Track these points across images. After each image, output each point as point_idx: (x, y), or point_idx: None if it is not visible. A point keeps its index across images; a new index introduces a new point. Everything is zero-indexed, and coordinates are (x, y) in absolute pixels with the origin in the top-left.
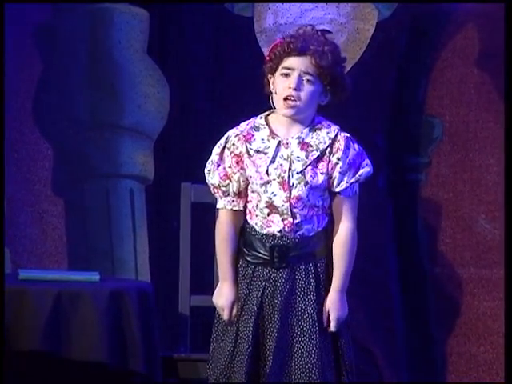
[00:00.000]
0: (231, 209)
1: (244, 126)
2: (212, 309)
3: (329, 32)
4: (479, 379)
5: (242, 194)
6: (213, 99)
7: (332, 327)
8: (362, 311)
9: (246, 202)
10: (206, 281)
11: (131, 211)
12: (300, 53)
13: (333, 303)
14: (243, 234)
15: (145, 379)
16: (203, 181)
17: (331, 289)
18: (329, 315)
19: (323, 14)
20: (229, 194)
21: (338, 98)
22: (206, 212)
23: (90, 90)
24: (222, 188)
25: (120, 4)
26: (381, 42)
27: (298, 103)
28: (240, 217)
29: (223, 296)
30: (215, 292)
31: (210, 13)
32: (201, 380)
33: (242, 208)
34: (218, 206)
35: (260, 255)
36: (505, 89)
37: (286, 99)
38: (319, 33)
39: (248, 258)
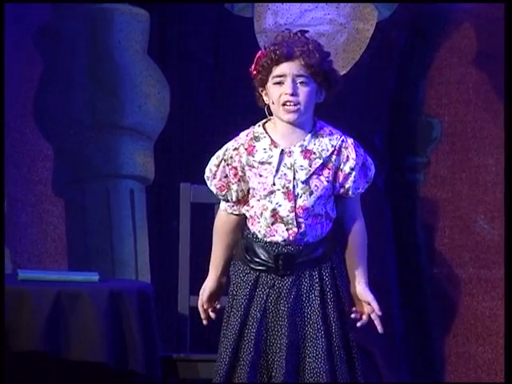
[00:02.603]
0: (231, 212)
1: (244, 138)
2: None
3: (306, 31)
4: (478, 379)
5: (241, 201)
6: (213, 99)
7: (378, 310)
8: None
9: (246, 205)
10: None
11: (131, 211)
12: (288, 58)
13: (366, 291)
14: (244, 239)
15: (144, 379)
16: (203, 181)
17: (359, 283)
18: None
19: (323, 15)
20: (228, 201)
21: (332, 93)
22: (205, 212)
23: (91, 91)
24: (220, 197)
25: (120, 4)
26: (380, 42)
27: (297, 107)
28: (239, 220)
29: (204, 286)
30: None
31: (210, 13)
32: (201, 380)
33: (242, 212)
34: (220, 206)
35: (264, 262)
36: (504, 89)
37: (284, 105)
38: (299, 34)
39: (251, 265)
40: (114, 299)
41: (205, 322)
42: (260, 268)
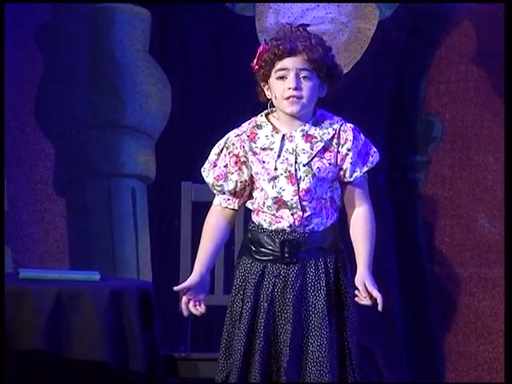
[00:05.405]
0: (226, 207)
1: (246, 126)
2: (212, 308)
3: (307, 25)
4: (479, 378)
5: (237, 194)
6: (214, 98)
7: (379, 298)
8: (362, 311)
9: (245, 202)
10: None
11: (133, 210)
12: (291, 53)
13: (367, 278)
14: (248, 232)
15: (145, 378)
16: (204, 180)
17: (360, 268)
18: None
19: (324, 14)
20: (224, 193)
21: (334, 87)
22: (206, 211)
23: (92, 90)
24: (216, 187)
25: (121, 3)
26: (382, 41)
27: (301, 100)
28: (232, 216)
29: (189, 280)
30: None
31: (211, 12)
32: (201, 379)
33: (236, 208)
34: (213, 202)
35: (270, 251)
36: (504, 87)
37: (287, 98)
38: (301, 29)
39: (256, 256)
40: (115, 298)
41: (185, 313)
42: (266, 258)
